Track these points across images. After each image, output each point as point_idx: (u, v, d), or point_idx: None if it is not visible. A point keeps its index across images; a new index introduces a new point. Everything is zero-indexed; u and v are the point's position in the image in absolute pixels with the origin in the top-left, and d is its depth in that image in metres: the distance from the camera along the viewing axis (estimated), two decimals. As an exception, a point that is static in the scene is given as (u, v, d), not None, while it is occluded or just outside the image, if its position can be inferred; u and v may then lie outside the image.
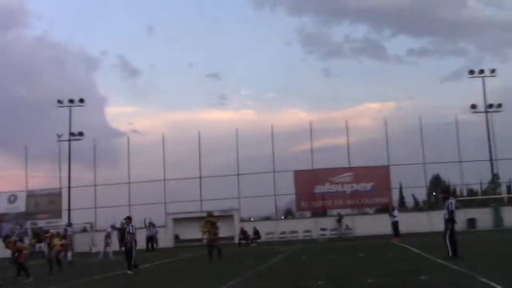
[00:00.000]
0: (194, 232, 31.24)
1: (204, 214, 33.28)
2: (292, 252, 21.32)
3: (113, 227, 27.18)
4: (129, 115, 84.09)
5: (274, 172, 37.03)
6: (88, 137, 39.04)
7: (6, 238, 16.25)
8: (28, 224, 36.95)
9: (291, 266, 15.18)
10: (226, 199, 37.33)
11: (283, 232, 35.43)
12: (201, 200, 37.32)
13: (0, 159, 40.46)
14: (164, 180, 37.87)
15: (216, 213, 23.07)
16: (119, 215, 36.94)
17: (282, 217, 39.89)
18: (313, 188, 37.30)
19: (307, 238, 33.60)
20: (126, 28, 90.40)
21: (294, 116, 68.32)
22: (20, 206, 37.87)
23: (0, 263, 15.23)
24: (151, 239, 28.05)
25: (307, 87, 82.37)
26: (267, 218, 38.79)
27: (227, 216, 34.82)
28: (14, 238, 16.39)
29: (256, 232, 30.89)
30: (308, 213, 39.54)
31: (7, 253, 17.29)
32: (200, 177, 37.80)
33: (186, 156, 42.33)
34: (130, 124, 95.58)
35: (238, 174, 37.50)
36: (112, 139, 40.99)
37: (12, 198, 38.08)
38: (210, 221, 19.83)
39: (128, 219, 16.91)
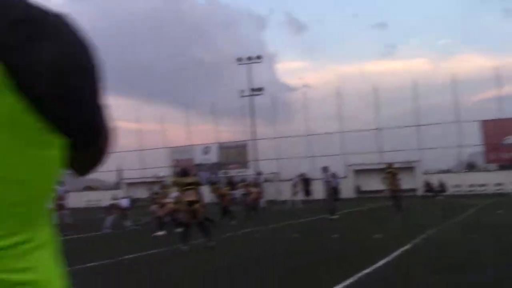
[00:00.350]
0: (374, 183, 31.58)
1: (384, 166, 33.44)
2: (486, 205, 20.36)
3: (301, 176, 28.61)
4: (299, 70, 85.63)
5: (458, 122, 35.14)
6: (265, 92, 41.18)
7: (212, 184, 18.22)
8: (220, 174, 40.59)
9: (487, 218, 14.61)
10: (407, 150, 36.54)
11: (471, 185, 33.60)
12: (380, 152, 37.15)
13: (191, 116, 44.44)
14: (343, 132, 38.35)
15: (396, 165, 23.05)
16: (300, 166, 38.89)
17: (465, 170, 37.83)
18: (501, 139, 34.57)
19: (499, 191, 31.34)
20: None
21: (472, 62, 63.07)
22: (213, 157, 41.79)
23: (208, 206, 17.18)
24: (334, 189, 28.83)
25: (485, 30, 75.22)
26: (447, 171, 37.11)
27: (408, 168, 34.17)
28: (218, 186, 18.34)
29: (442, 185, 29.90)
30: (495, 166, 36.87)
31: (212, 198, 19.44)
32: (378, 129, 37.48)
33: (360, 108, 42.19)
34: (300, 78, 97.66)
35: (418, 125, 36.39)
36: (285, 94, 42.50)
37: (206, 149, 42.21)
38: (391, 172, 19.82)
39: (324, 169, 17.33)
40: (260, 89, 40.18)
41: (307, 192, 30.61)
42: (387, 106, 41.16)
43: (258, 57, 40.47)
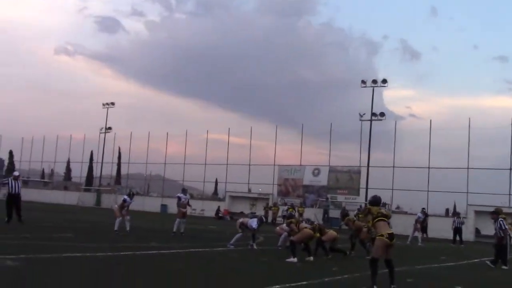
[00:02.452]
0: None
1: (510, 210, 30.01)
2: None
3: (423, 212, 26.35)
4: (407, 99, 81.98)
5: None
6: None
7: (345, 216, 16.80)
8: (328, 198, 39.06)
9: None
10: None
11: None
12: (510, 194, 33.60)
13: (308, 138, 43.58)
14: (468, 168, 35.25)
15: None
16: (415, 200, 36.35)
17: None
18: None
19: None
20: (408, 10, 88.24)
21: None
22: (323, 179, 40.43)
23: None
24: (458, 230, 26.25)
25: None
26: None
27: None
28: (352, 217, 16.83)
29: None
30: None
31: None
32: (511, 169, 33.95)
33: (476, 145, 38.69)
34: (407, 107, 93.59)
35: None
36: (390, 122, 40.17)
37: (316, 171, 40.98)
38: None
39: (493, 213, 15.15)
40: (382, 114, 38.30)
41: (424, 230, 28.18)
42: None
43: (384, 81, 38.77)
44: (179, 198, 18.92)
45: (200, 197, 49.37)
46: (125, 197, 18.56)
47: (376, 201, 9.64)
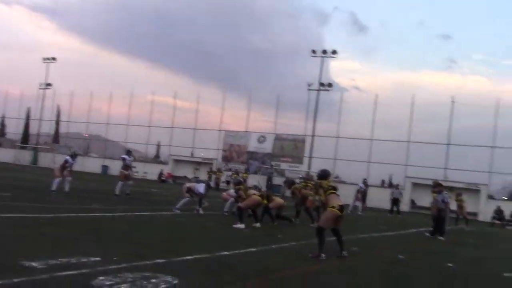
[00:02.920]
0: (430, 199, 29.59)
1: (448, 184, 31.43)
2: None
3: (364, 183, 27.07)
4: (352, 71, 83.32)
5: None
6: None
7: (291, 184, 16.88)
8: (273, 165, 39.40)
9: None
10: (475, 171, 34.38)
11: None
12: (445, 168, 35.12)
13: (255, 105, 43.57)
14: (409, 142, 36.46)
15: (460, 185, 21.51)
16: (357, 171, 37.33)
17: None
18: None
19: None
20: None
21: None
22: (268, 147, 40.64)
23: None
24: (395, 201, 27.25)
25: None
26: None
27: (471, 190, 32.25)
28: (298, 185, 16.91)
29: (515, 214, 27.76)
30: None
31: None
32: (448, 144, 35.39)
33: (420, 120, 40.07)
34: (352, 80, 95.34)
35: (492, 147, 34.12)
36: (335, 93, 40.87)
37: (261, 138, 41.12)
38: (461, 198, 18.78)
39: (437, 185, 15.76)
40: (330, 85, 38.67)
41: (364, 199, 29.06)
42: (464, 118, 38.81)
43: (334, 52, 39.00)
44: (123, 159, 18.44)
45: (142, 160, 48.53)
46: (67, 157, 17.89)
47: (325, 174, 9.79)
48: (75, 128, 55.53)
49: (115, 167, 42.96)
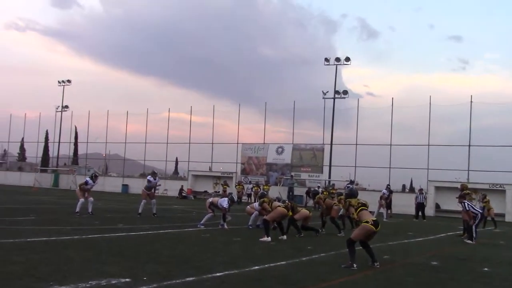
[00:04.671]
0: (455, 203, 29.01)
1: (470, 186, 30.83)
2: None
3: (387, 189, 26.64)
4: (365, 77, 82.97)
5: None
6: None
7: (315, 195, 16.70)
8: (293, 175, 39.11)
9: None
10: (499, 171, 33.72)
11: None
12: (468, 170, 34.51)
13: (270, 116, 43.48)
14: (429, 145, 35.96)
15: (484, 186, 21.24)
16: (378, 177, 36.93)
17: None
18: None
19: None
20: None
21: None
22: (286, 157, 40.42)
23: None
24: (420, 206, 26.75)
25: None
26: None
27: (496, 191, 31.60)
28: (322, 195, 16.71)
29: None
30: None
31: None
32: (470, 145, 34.81)
33: (443, 120, 39.52)
34: (365, 86, 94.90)
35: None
36: (350, 100, 40.65)
37: (279, 149, 40.92)
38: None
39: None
40: (345, 92, 38.44)
41: (389, 206, 28.62)
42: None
43: (347, 59, 38.82)
44: (148, 181, 18.52)
45: (162, 177, 48.61)
46: (87, 179, 17.92)
47: (353, 194, 10.02)
48: (93, 149, 55.98)
49: (135, 186, 43.17)
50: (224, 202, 14.82)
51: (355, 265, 8.55)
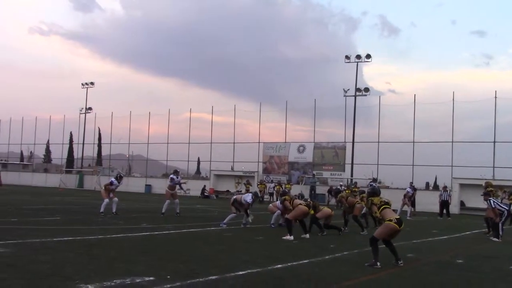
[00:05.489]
0: (480, 200, 28.49)
1: (495, 183, 30.35)
2: None
3: (412, 187, 26.35)
4: (386, 74, 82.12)
5: None
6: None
7: (337, 194, 16.64)
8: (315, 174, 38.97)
9: None
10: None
11: None
12: (493, 167, 33.91)
13: (291, 115, 43.39)
14: (452, 142, 35.43)
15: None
16: (401, 175, 36.55)
17: None
18: None
19: None
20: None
21: None
22: (308, 156, 40.28)
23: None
24: (445, 203, 26.40)
25: None
26: None
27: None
28: (344, 193, 16.63)
29: None
30: None
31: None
32: (495, 142, 34.20)
33: (467, 117, 38.83)
34: (387, 83, 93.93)
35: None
36: (371, 98, 40.17)
37: (301, 148, 40.81)
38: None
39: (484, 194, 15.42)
40: (366, 90, 38.12)
41: (413, 204, 28.33)
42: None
43: (368, 57, 38.51)
44: (171, 179, 18.63)
45: (184, 177, 48.88)
46: (112, 179, 18.17)
47: (375, 192, 9.80)
48: (116, 150, 56.63)
49: (158, 186, 43.54)
50: (248, 197, 14.89)
51: (378, 264, 8.50)
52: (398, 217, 9.05)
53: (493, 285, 7.62)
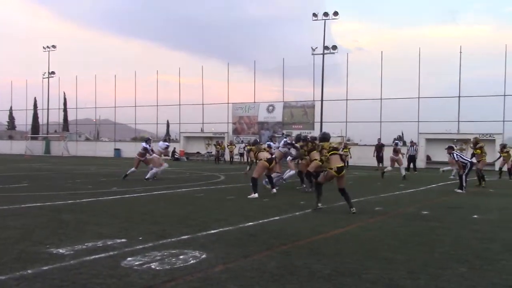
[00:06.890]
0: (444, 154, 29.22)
1: (460, 137, 31.16)
2: None
3: (379, 142, 26.85)
4: (353, 32, 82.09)
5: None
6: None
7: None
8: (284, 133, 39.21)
9: None
10: (488, 121, 34.01)
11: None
12: (458, 121, 34.76)
13: (260, 75, 43.16)
14: (419, 98, 36.06)
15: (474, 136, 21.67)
16: (369, 131, 37.14)
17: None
18: None
19: None
20: None
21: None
22: (277, 115, 40.41)
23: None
24: (412, 158, 27.06)
25: None
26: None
27: (486, 141, 31.96)
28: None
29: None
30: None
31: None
32: (459, 96, 34.94)
33: (433, 73, 39.42)
34: (355, 41, 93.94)
35: (504, 95, 33.65)
36: (339, 56, 40.32)
37: (270, 108, 40.86)
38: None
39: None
40: (334, 47, 38.09)
41: (380, 159, 29.00)
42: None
43: (335, 14, 38.28)
44: (145, 149, 18.50)
45: (154, 140, 48.51)
46: (144, 144, 18.66)
47: (325, 137, 10.54)
48: (83, 114, 55.65)
49: (127, 150, 43.18)
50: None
51: (319, 205, 9.99)
52: (340, 165, 9.77)
53: (456, 232, 7.91)
